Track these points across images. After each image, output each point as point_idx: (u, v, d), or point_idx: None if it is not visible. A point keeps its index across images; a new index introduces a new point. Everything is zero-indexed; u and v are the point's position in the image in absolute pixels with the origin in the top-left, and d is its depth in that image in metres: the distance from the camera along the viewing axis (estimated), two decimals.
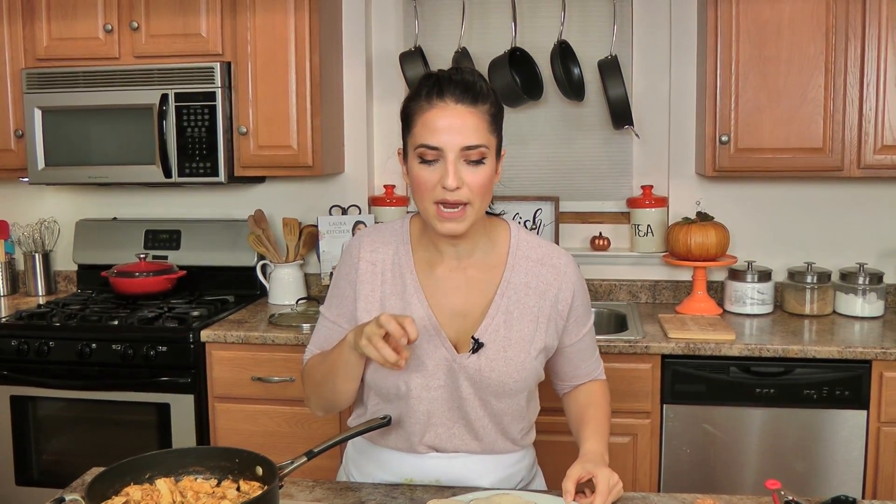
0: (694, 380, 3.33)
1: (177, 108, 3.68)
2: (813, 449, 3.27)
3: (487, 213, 1.90)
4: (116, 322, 3.43)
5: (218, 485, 1.75)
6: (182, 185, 4.05)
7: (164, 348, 3.45)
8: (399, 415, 1.92)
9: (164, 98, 3.66)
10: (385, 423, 1.83)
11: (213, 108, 3.66)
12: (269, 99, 3.68)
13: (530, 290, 1.90)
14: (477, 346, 1.86)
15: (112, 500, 1.63)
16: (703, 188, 4.01)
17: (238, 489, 1.69)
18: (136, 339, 3.37)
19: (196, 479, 1.76)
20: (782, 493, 1.75)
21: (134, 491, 1.68)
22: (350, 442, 2.08)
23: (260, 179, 4.16)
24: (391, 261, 1.92)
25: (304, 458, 1.74)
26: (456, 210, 1.69)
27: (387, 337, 1.65)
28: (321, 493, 1.89)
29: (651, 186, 4.01)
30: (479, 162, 1.69)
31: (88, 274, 4.19)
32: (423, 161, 1.69)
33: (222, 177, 3.72)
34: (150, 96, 3.65)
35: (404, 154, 1.82)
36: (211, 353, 3.50)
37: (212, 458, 1.78)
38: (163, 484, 1.70)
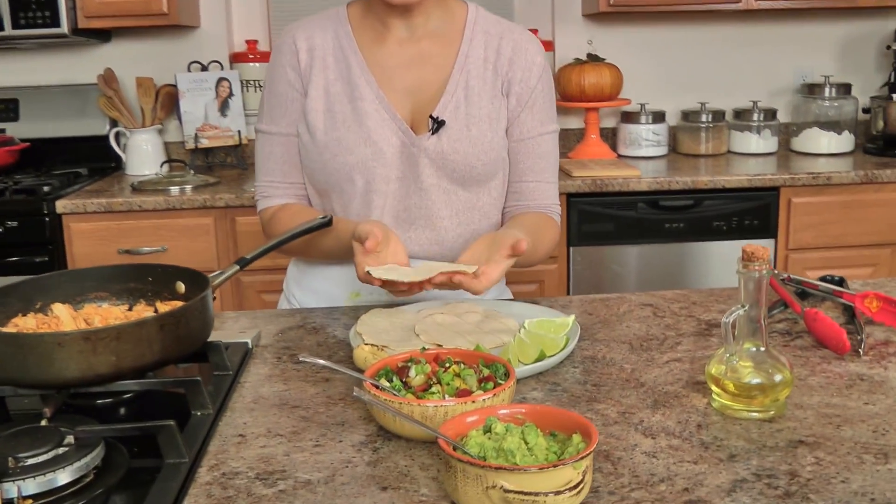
0: (601, 219, 3.17)
1: None
2: (723, 280, 3.19)
3: None
4: None
5: (130, 310, 1.42)
6: (17, 48, 3.53)
7: (15, 223, 3.00)
8: (346, 215, 1.63)
9: None
10: (325, 222, 1.54)
11: None
12: None
13: (489, 66, 1.63)
14: (437, 125, 1.58)
15: None
16: (591, 31, 3.82)
17: (156, 312, 1.37)
18: None
19: (100, 305, 1.42)
20: (776, 271, 1.58)
21: (25, 321, 1.33)
22: (292, 262, 1.78)
23: (106, 37, 3.67)
24: (332, 45, 1.62)
25: (236, 267, 1.44)
26: None
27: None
28: (249, 321, 1.59)
29: (535, 31, 3.77)
30: None
31: None
32: None
33: (64, 27, 3.23)
34: None
35: None
36: (69, 226, 3.08)
37: (118, 279, 1.45)
38: (61, 309, 1.36)
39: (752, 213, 3.19)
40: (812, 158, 3.54)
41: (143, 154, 3.64)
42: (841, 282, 1.63)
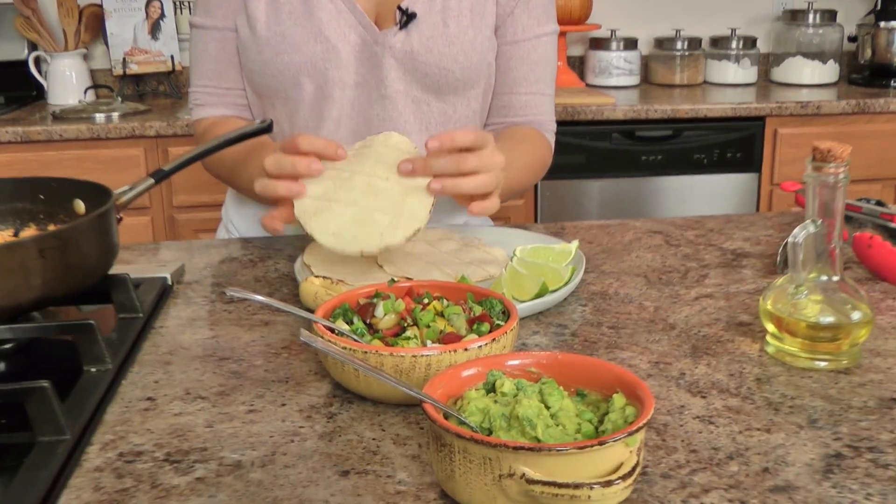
0: (572, 150, 2.89)
1: None
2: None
3: None
4: None
5: (16, 235, 1.11)
6: None
7: None
8: (293, 128, 1.32)
9: None
10: (264, 127, 1.23)
11: None
12: None
13: None
14: (406, 18, 1.27)
15: None
16: None
17: None
18: None
19: None
20: None
21: None
22: (229, 188, 1.47)
23: None
24: None
25: (150, 181, 1.13)
26: None
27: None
28: (171, 254, 1.28)
29: None
30: None
31: None
32: None
33: None
34: None
35: None
36: None
37: (1, 198, 1.13)
38: None
39: (734, 144, 2.94)
40: (794, 89, 3.29)
41: (65, 81, 3.27)
42: (879, 205, 1.36)
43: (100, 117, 2.89)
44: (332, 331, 0.83)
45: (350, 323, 0.85)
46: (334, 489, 0.67)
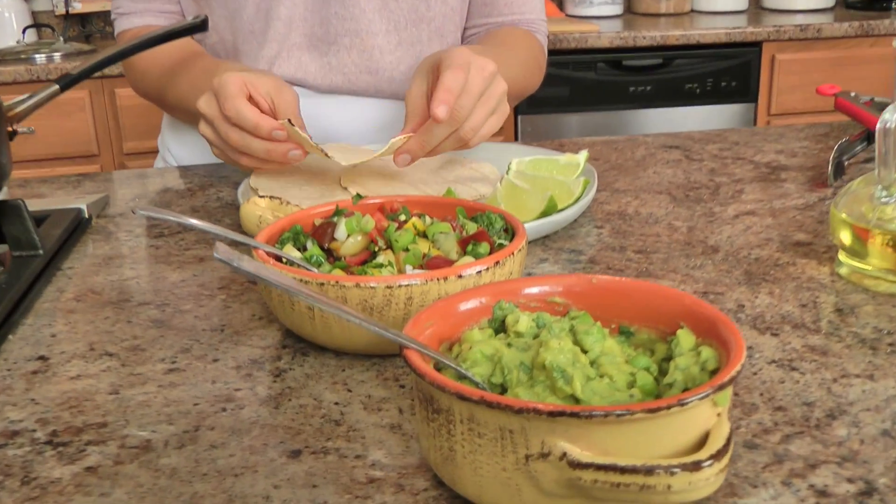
0: (555, 82, 2.67)
1: None
2: None
3: None
4: None
5: None
6: None
7: None
8: (233, 34, 1.10)
9: None
10: (197, 24, 1.00)
11: None
12: None
13: None
14: None
15: None
16: None
17: None
18: None
19: None
20: (852, 94, 1.12)
21: None
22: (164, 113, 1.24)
23: None
24: None
25: (55, 87, 0.90)
26: None
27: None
28: (96, 186, 1.06)
29: None
30: None
31: None
32: None
33: None
34: None
35: None
36: None
37: None
38: None
39: (729, 73, 2.73)
40: (788, 15, 3.07)
41: (3, 22, 3.01)
42: None
43: (40, 58, 2.65)
44: (280, 260, 0.62)
45: (303, 249, 0.64)
46: (280, 477, 0.47)
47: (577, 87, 2.70)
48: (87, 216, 0.91)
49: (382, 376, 0.57)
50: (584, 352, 0.46)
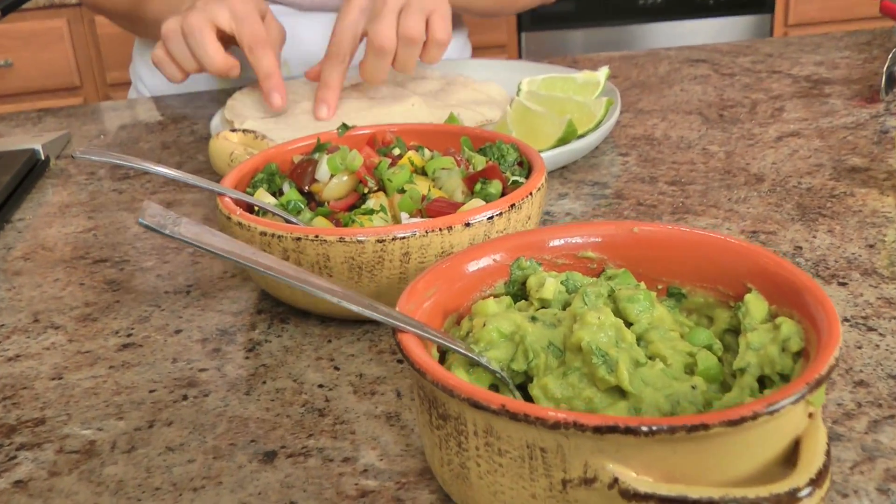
0: None
1: None
2: None
3: None
4: None
5: None
6: None
7: None
8: None
9: None
10: None
11: None
12: None
13: None
14: None
15: None
16: None
17: None
18: None
19: None
20: None
21: None
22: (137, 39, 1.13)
23: None
24: None
25: None
26: None
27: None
28: (58, 122, 0.95)
29: None
30: None
31: None
32: None
33: None
34: None
35: None
36: None
37: None
38: None
39: None
40: None
41: None
42: None
43: None
44: (252, 209, 0.52)
45: (279, 194, 0.54)
46: (248, 491, 0.37)
47: (584, 0, 2.57)
48: (42, 158, 0.81)
49: (376, 348, 0.47)
50: (629, 325, 0.36)
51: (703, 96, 0.87)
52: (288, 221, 0.51)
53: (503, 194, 0.51)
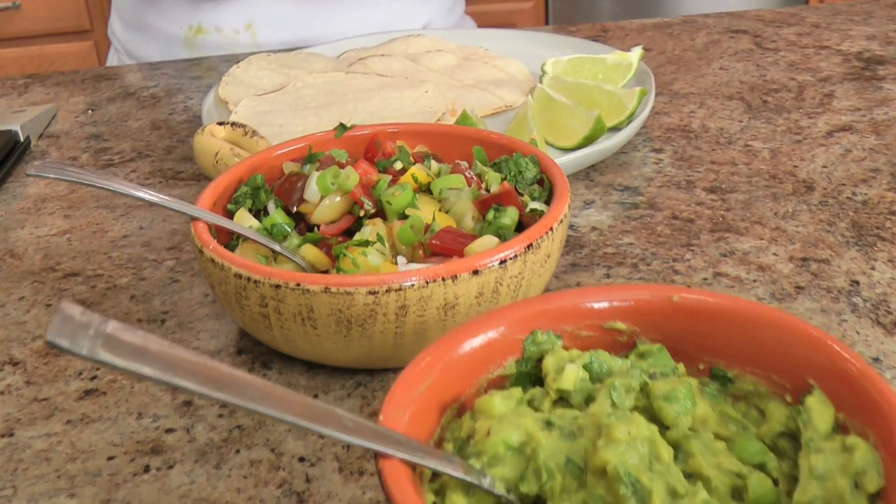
0: None
1: None
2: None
3: None
4: None
5: None
6: None
7: None
8: None
9: None
10: None
11: None
12: None
13: None
14: None
15: None
16: None
17: None
18: None
19: None
20: None
21: None
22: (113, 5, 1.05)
23: None
24: None
25: None
26: None
27: None
28: (46, 92, 0.88)
29: None
30: None
31: None
32: None
33: None
34: None
35: None
36: None
37: None
38: None
39: None
40: None
41: None
42: None
43: None
44: (230, 239, 0.46)
45: (264, 213, 0.47)
46: None
47: None
48: (20, 139, 0.74)
49: (369, 407, 0.41)
50: (664, 428, 0.29)
51: (744, 76, 0.80)
52: (272, 250, 0.44)
53: (519, 224, 0.44)
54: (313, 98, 0.73)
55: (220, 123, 0.59)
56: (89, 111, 0.82)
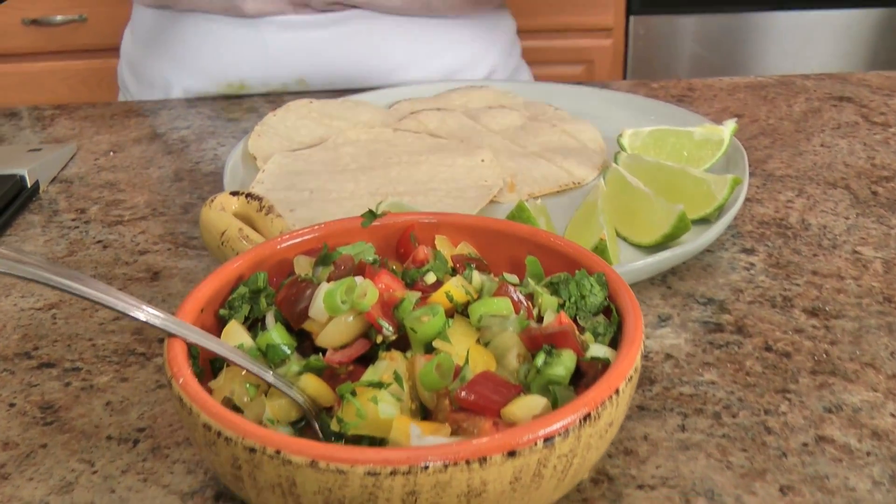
0: None
1: None
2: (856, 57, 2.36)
3: None
4: None
5: None
6: None
7: None
8: None
9: None
10: None
11: None
12: None
13: None
14: None
15: None
16: None
17: None
18: None
19: None
20: None
21: None
22: (128, 27, 0.97)
23: None
24: None
25: None
26: None
27: None
28: (73, 126, 0.81)
29: None
30: None
31: None
32: None
33: None
34: None
35: None
36: None
37: None
38: None
39: None
40: None
41: None
42: None
43: None
44: (214, 362, 0.37)
45: (261, 325, 0.38)
46: None
47: None
48: (27, 185, 0.67)
49: None
50: None
51: (849, 157, 0.69)
52: (263, 379, 0.35)
53: (576, 374, 0.34)
54: (354, 158, 0.64)
55: (234, 193, 0.51)
56: (111, 153, 0.75)
